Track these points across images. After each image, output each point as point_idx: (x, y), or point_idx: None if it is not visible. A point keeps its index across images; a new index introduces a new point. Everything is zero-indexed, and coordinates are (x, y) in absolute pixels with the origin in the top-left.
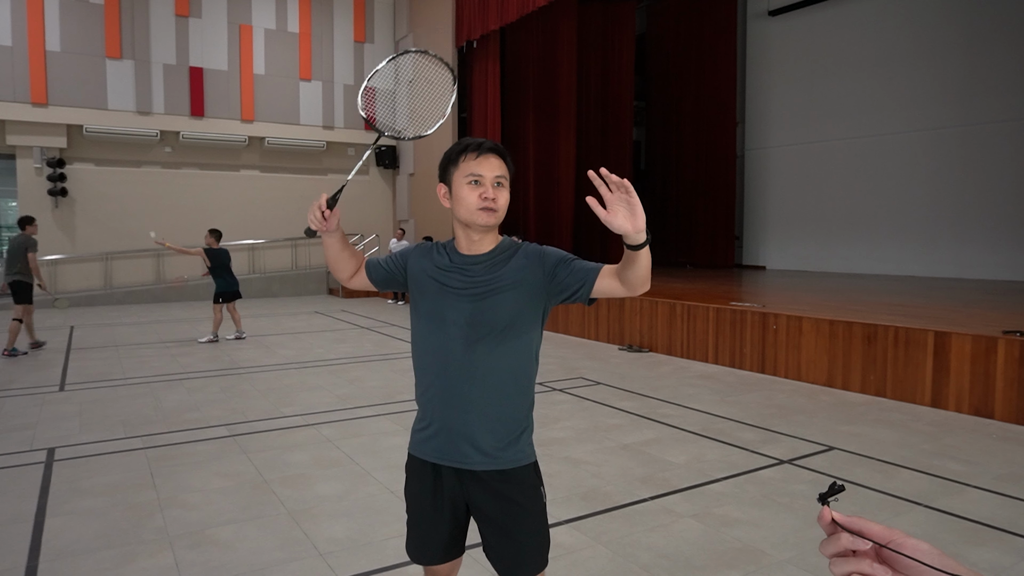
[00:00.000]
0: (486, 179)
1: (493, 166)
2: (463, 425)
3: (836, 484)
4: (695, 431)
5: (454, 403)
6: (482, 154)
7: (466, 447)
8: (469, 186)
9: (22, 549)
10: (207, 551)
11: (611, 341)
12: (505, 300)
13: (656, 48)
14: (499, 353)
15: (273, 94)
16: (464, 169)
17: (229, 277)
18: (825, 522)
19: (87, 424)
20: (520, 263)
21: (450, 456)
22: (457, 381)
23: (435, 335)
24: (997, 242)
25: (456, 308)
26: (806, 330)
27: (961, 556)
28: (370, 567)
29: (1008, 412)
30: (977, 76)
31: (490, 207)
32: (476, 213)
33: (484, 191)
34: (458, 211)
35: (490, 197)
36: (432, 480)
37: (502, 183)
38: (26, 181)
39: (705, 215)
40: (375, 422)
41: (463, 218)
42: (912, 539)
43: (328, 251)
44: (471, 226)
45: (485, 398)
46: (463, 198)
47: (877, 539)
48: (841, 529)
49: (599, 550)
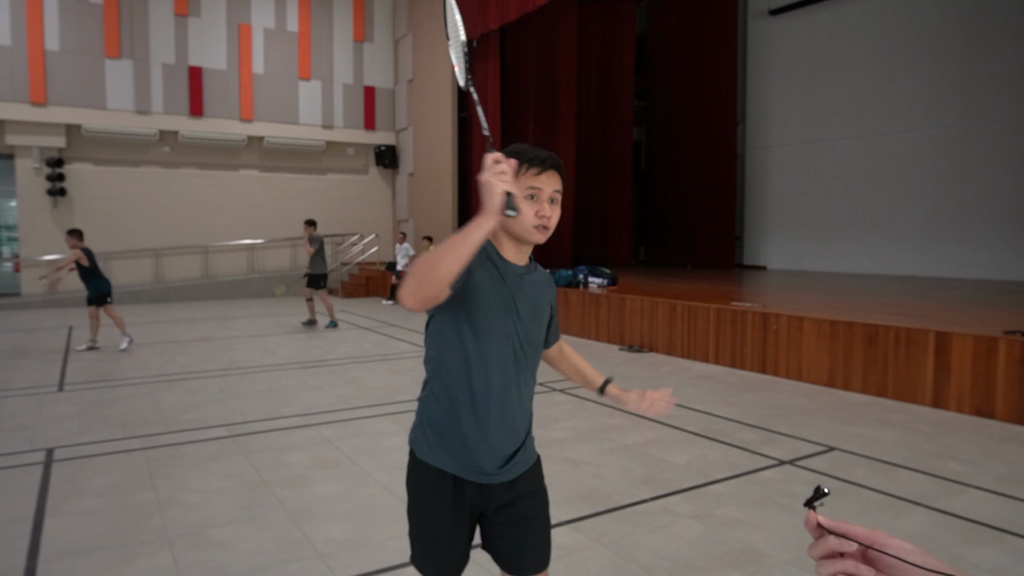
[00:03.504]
0: (544, 194)
1: (552, 182)
2: (500, 442)
3: (820, 489)
4: (696, 432)
5: (495, 421)
6: (545, 171)
7: (498, 462)
8: (527, 201)
9: (21, 549)
10: (206, 552)
11: (611, 341)
12: (544, 319)
13: (656, 47)
14: (533, 369)
15: (272, 93)
16: (523, 182)
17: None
18: (811, 526)
19: (86, 424)
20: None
21: (477, 473)
22: (500, 395)
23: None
24: (997, 242)
25: (515, 326)
26: (807, 330)
27: (962, 556)
28: (369, 568)
29: (1009, 412)
30: (977, 76)
31: (545, 224)
32: (531, 231)
33: (541, 208)
34: (511, 224)
35: (546, 215)
36: (452, 494)
37: (556, 200)
38: (25, 181)
39: (705, 215)
40: (375, 422)
41: (516, 232)
42: (896, 539)
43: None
44: (521, 240)
45: (522, 415)
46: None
47: (862, 540)
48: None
49: (599, 551)
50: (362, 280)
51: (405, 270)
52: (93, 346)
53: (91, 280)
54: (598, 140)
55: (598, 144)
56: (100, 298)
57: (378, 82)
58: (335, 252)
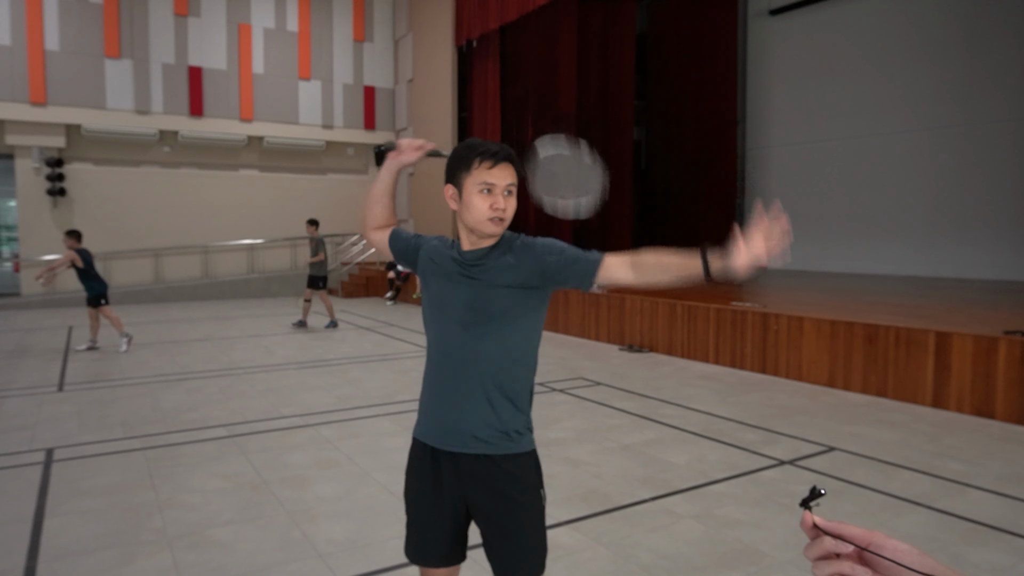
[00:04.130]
0: (498, 188)
1: (506, 175)
2: (459, 409)
3: (816, 489)
4: (696, 432)
5: (451, 385)
6: (497, 164)
7: (461, 430)
8: (480, 195)
9: (21, 549)
10: (206, 552)
11: (611, 341)
12: (500, 294)
13: (656, 47)
14: (495, 345)
15: (272, 93)
16: (476, 177)
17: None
18: (807, 526)
19: (86, 424)
20: (518, 255)
21: (445, 441)
22: (455, 364)
23: (437, 318)
24: (997, 242)
25: (455, 293)
26: (807, 330)
27: (962, 556)
28: (369, 568)
29: (1009, 412)
30: (977, 76)
31: (500, 216)
32: (485, 223)
33: (495, 201)
34: (465, 216)
35: (500, 207)
36: (431, 469)
37: (512, 191)
38: (25, 181)
39: (705, 215)
40: (375, 423)
41: (470, 224)
42: (892, 540)
43: (378, 184)
44: (476, 231)
45: (481, 382)
46: (474, 206)
47: (858, 542)
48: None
49: (599, 551)
50: (362, 280)
51: (405, 270)
52: (93, 346)
53: (87, 281)
54: (598, 140)
55: (598, 144)
56: (95, 299)
57: (378, 82)
58: (335, 252)
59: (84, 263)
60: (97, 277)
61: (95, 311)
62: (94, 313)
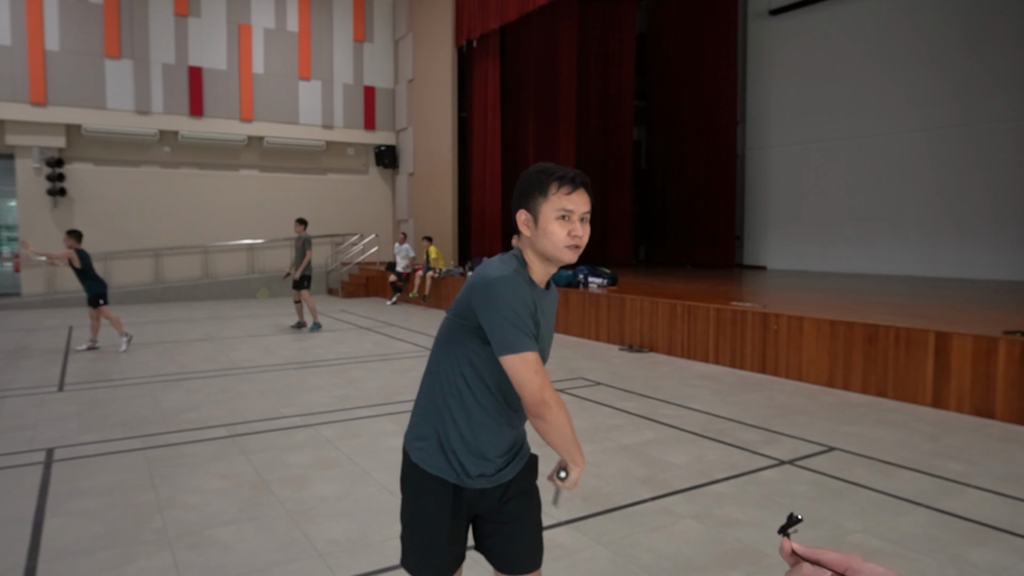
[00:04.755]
0: (575, 215)
1: (583, 201)
2: (508, 460)
3: (793, 516)
4: (695, 431)
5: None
6: (576, 190)
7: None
8: (559, 221)
9: (21, 549)
10: (206, 552)
11: (611, 341)
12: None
13: (656, 48)
14: None
15: (272, 94)
16: (555, 203)
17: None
18: (786, 553)
19: (86, 424)
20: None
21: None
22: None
23: None
24: (997, 242)
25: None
26: (807, 330)
27: (962, 556)
28: (369, 568)
29: (1009, 412)
30: (976, 76)
31: (577, 244)
32: (563, 250)
33: (573, 228)
34: (542, 243)
35: (578, 235)
36: (452, 499)
37: (586, 219)
38: (25, 181)
39: (705, 215)
40: (375, 423)
41: (547, 252)
42: (869, 564)
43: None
44: (552, 260)
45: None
46: (552, 232)
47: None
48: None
49: (599, 551)
50: (362, 280)
51: (406, 270)
52: (93, 346)
53: (85, 281)
54: (598, 140)
55: (598, 144)
56: (94, 299)
57: (378, 82)
58: (335, 252)
59: (82, 263)
60: (96, 277)
61: (95, 311)
62: (95, 313)
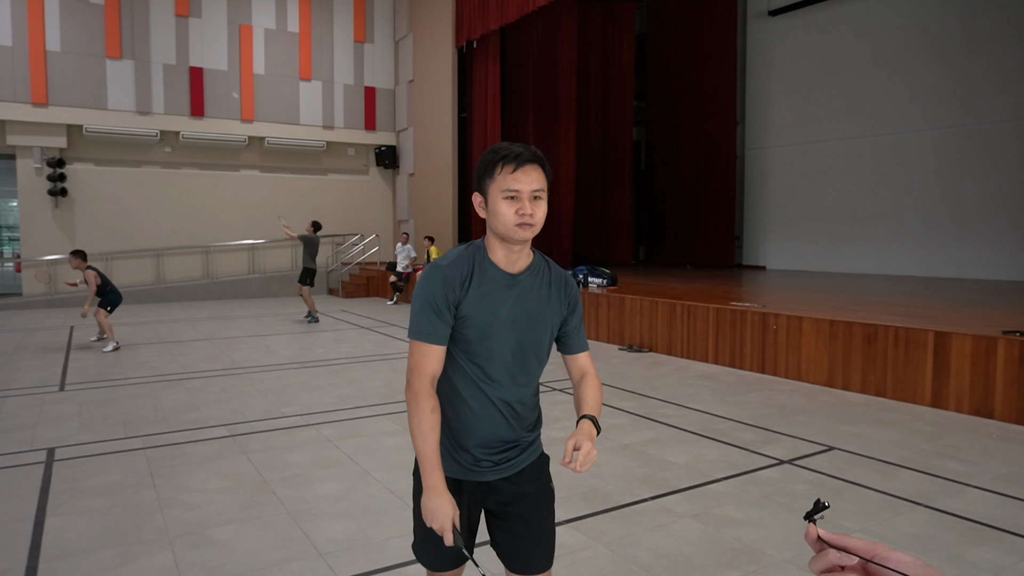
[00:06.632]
0: (523, 194)
1: (531, 179)
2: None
3: (821, 502)
4: (695, 431)
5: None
6: (520, 167)
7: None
8: (506, 201)
9: (22, 549)
10: (207, 551)
11: (611, 341)
12: (546, 328)
13: (656, 48)
14: (533, 377)
15: (273, 94)
16: (501, 183)
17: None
18: (811, 539)
19: (87, 424)
20: (556, 284)
21: (477, 473)
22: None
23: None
24: (997, 242)
25: (503, 341)
26: (806, 330)
27: (961, 556)
28: (370, 567)
29: (1008, 412)
30: (976, 76)
31: (527, 223)
32: (513, 229)
33: (521, 207)
34: (495, 225)
35: (527, 213)
36: (455, 492)
37: (540, 196)
38: (26, 181)
39: (705, 215)
40: (375, 422)
41: (500, 232)
42: (896, 552)
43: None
44: (507, 240)
45: (519, 420)
46: (500, 213)
47: (863, 554)
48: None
49: (599, 550)
50: (362, 280)
51: (406, 270)
52: (116, 347)
53: (105, 295)
54: (598, 140)
55: (598, 144)
56: (105, 305)
57: (378, 82)
58: (336, 252)
59: (101, 280)
60: (115, 291)
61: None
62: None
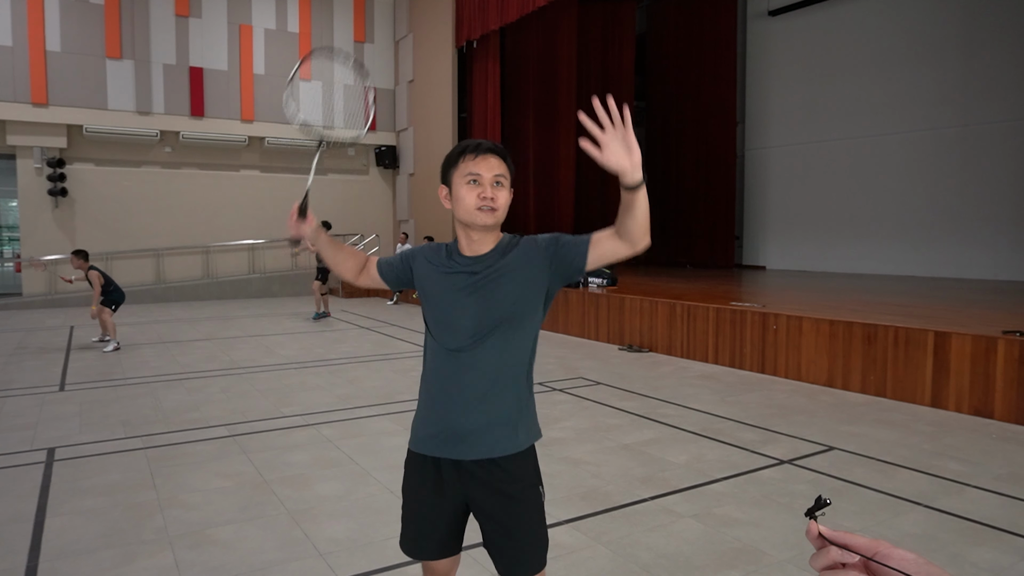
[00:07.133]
0: (484, 179)
1: (492, 165)
2: (464, 419)
3: (822, 498)
4: (695, 431)
5: (456, 399)
6: (480, 154)
7: (465, 439)
8: (468, 186)
9: (22, 549)
10: (207, 551)
11: (611, 341)
12: (505, 287)
13: (656, 48)
14: (501, 347)
15: (273, 94)
16: (463, 169)
17: None
18: (813, 536)
19: (87, 424)
20: (518, 253)
21: (449, 449)
22: (460, 378)
23: (442, 335)
24: (997, 242)
25: (461, 308)
26: (806, 330)
27: (961, 556)
28: (370, 567)
29: (1008, 412)
30: (976, 77)
31: (489, 206)
32: (475, 213)
33: (482, 191)
34: (458, 211)
35: (488, 196)
36: (433, 474)
37: (501, 182)
38: (26, 181)
39: (705, 215)
40: (375, 422)
41: (463, 218)
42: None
43: (322, 255)
44: (471, 226)
45: (485, 392)
46: (462, 198)
47: (864, 551)
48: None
49: (599, 550)
50: None
51: None
52: (116, 347)
53: (108, 295)
54: None
55: None
56: (108, 303)
57: (378, 83)
58: None
59: (105, 279)
60: (118, 289)
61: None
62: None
